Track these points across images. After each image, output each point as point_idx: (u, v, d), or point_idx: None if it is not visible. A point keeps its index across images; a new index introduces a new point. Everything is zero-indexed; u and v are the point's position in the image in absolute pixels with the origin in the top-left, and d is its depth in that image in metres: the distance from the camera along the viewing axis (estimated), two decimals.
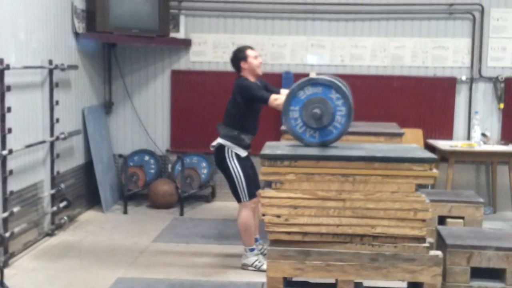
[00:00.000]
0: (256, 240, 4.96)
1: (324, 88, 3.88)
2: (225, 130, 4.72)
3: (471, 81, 6.74)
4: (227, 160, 4.69)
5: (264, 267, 4.64)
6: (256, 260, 4.74)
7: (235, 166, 4.68)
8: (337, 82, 3.84)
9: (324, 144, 3.80)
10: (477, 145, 6.26)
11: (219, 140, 4.73)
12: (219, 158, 4.75)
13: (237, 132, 4.69)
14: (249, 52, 4.78)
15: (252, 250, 4.76)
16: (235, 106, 4.72)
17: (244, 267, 4.76)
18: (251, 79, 4.73)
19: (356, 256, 3.13)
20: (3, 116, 4.52)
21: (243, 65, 4.74)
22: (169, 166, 6.93)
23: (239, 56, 4.75)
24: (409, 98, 6.77)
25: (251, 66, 4.75)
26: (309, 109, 3.80)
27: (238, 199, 4.74)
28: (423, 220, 3.09)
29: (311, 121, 3.90)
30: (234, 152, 4.68)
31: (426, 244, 3.12)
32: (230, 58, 4.83)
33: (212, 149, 4.82)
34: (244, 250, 4.78)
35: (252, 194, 4.71)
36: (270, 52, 6.87)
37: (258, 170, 4.31)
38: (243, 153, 4.72)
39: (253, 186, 4.77)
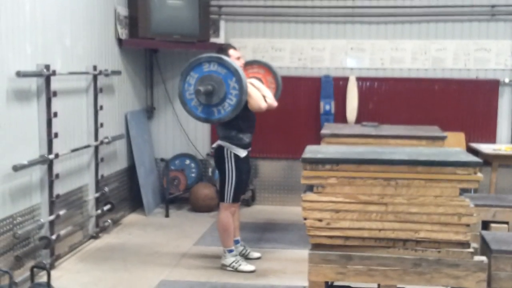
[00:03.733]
0: (237, 241, 5.03)
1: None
2: (223, 131, 4.77)
3: None
4: (225, 160, 4.74)
5: (242, 267, 4.76)
6: (234, 261, 4.80)
7: (231, 168, 4.73)
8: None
9: (226, 119, 4.50)
10: None
11: (219, 142, 4.79)
12: (218, 158, 4.82)
13: (234, 132, 4.74)
14: (231, 52, 4.82)
15: (230, 251, 4.83)
16: None
17: (223, 267, 4.83)
18: None
19: (399, 261, 3.12)
20: (50, 120, 4.63)
21: None
22: (210, 170, 6.99)
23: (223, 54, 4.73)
24: (451, 101, 6.69)
25: None
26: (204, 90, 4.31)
27: (222, 199, 4.81)
28: (468, 225, 3.06)
29: (205, 98, 4.28)
30: (233, 153, 4.73)
31: (471, 250, 3.09)
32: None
33: (212, 150, 4.89)
34: (223, 251, 4.86)
35: (236, 199, 4.81)
36: (310, 56, 6.88)
37: (298, 174, 4.36)
38: (242, 153, 4.76)
39: (241, 191, 4.89)
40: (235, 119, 4.63)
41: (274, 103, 5.00)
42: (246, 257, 4.99)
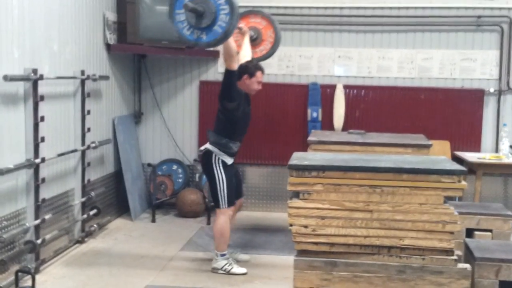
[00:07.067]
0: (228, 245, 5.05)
1: None
2: (214, 137, 4.81)
3: (500, 93, 6.71)
4: (213, 166, 4.78)
5: (234, 270, 4.80)
6: (226, 264, 4.83)
7: (220, 173, 4.77)
8: None
9: (212, 45, 4.15)
10: (506, 157, 6.22)
11: (208, 146, 4.83)
12: (205, 163, 4.85)
13: (225, 140, 4.78)
14: (258, 74, 4.89)
15: (223, 255, 4.85)
16: (223, 112, 4.81)
17: (214, 270, 4.85)
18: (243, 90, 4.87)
19: (383, 267, 3.15)
20: (36, 125, 4.61)
21: (245, 78, 4.82)
22: (197, 175, 7.00)
23: (249, 69, 4.82)
24: (436, 110, 6.75)
25: (250, 86, 4.88)
26: (191, 7, 4.01)
27: (217, 205, 4.84)
28: (452, 233, 3.10)
29: (195, 19, 4.09)
30: (221, 159, 4.78)
31: (454, 257, 3.13)
32: (241, 64, 4.85)
33: (199, 153, 4.92)
34: (215, 255, 4.88)
35: (231, 202, 4.84)
36: (297, 64, 6.92)
37: (284, 181, 4.37)
38: (229, 160, 4.83)
39: (234, 194, 4.92)
40: (233, 124, 4.70)
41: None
42: (236, 260, 5.00)
